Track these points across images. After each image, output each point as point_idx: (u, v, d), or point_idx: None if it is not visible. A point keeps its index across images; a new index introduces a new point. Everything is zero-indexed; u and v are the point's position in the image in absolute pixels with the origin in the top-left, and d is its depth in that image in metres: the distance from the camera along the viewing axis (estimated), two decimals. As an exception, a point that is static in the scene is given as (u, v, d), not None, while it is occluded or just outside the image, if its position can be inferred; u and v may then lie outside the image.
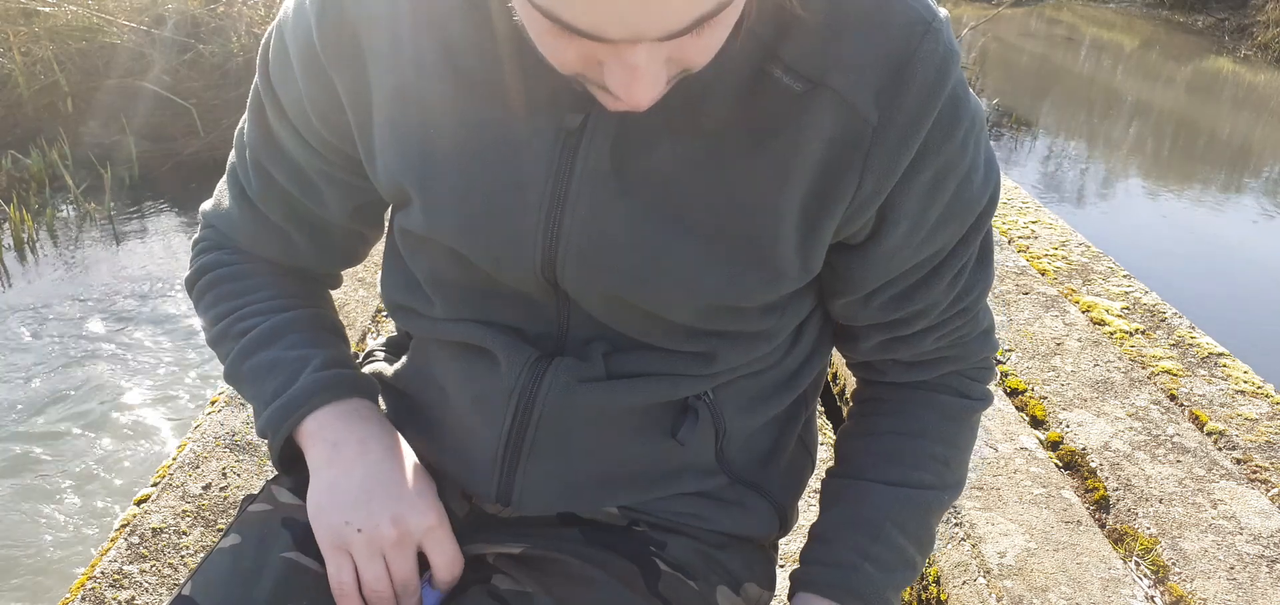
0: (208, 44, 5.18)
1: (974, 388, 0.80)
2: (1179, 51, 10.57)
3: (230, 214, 0.81)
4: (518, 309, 0.72)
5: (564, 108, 0.62)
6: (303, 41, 0.68)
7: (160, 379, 3.05)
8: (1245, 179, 6.36)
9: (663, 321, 0.69)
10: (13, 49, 4.87)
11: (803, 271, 0.67)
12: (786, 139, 0.61)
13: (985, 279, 0.74)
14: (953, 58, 0.60)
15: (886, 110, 0.59)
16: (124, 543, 1.55)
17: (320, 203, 0.77)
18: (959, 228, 0.68)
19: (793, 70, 0.59)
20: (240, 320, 0.78)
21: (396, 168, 0.68)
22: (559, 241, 0.65)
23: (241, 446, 1.83)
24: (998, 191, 0.69)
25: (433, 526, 0.71)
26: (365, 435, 0.73)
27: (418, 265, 0.74)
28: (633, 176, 0.63)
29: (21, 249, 3.87)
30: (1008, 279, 2.65)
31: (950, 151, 0.62)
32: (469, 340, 0.73)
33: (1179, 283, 4.13)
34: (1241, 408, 2.04)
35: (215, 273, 0.81)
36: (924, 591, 1.61)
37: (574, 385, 0.70)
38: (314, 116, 0.71)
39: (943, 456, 0.77)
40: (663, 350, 0.71)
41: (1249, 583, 1.51)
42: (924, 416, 0.77)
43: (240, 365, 0.77)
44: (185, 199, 4.48)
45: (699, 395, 0.73)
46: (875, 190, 0.62)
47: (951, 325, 0.75)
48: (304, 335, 0.77)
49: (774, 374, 0.77)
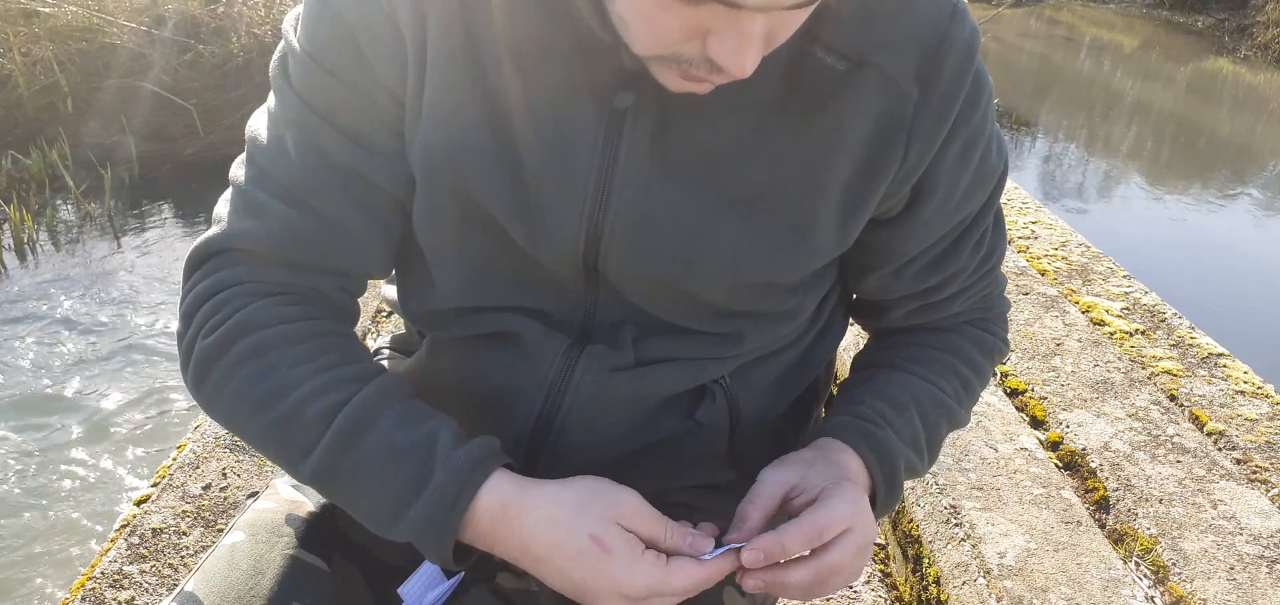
0: (208, 44, 5.18)
1: (996, 329, 0.84)
2: (1179, 52, 10.57)
3: (252, 227, 0.67)
4: (545, 293, 0.72)
5: (612, 87, 0.62)
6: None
7: (161, 379, 3.05)
8: (1245, 179, 6.36)
9: (696, 302, 0.70)
10: (13, 49, 4.87)
11: (837, 245, 0.70)
12: (831, 116, 0.63)
13: (1002, 241, 0.79)
14: (976, 36, 0.65)
15: (926, 85, 0.63)
16: (124, 543, 1.55)
17: (379, 169, 0.67)
18: (983, 195, 0.72)
19: (833, 51, 0.62)
20: (317, 399, 0.63)
21: (444, 133, 0.65)
22: (604, 225, 0.65)
23: (241, 446, 1.83)
24: (1008, 158, 0.75)
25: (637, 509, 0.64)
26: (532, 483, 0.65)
27: (442, 252, 0.71)
28: (676, 158, 0.64)
29: (21, 249, 3.87)
30: (1008, 279, 2.66)
31: (976, 121, 0.67)
32: (495, 330, 0.72)
33: (1179, 283, 4.13)
34: (1241, 408, 2.04)
35: (260, 337, 0.64)
36: (924, 592, 1.61)
37: (606, 374, 0.71)
38: (374, 60, 0.64)
39: (964, 377, 0.80)
40: (691, 332, 0.72)
41: (1249, 583, 1.51)
42: (951, 339, 0.81)
43: (336, 462, 0.63)
44: (185, 199, 4.48)
45: (716, 379, 0.75)
46: (917, 162, 0.66)
47: (977, 288, 0.79)
48: (407, 408, 0.65)
49: (791, 354, 0.79)
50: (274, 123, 0.68)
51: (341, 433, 0.62)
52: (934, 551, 1.62)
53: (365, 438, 0.62)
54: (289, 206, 0.66)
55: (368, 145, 0.66)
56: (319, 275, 0.69)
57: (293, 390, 0.63)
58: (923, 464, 0.77)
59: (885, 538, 1.81)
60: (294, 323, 0.66)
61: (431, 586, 0.74)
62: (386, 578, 0.73)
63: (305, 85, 0.66)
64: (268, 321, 0.65)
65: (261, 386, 0.63)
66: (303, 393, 0.63)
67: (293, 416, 0.63)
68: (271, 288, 0.67)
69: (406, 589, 0.72)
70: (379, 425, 0.63)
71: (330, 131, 0.65)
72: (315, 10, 0.65)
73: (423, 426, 0.64)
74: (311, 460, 0.63)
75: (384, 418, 0.63)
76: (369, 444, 0.62)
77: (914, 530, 1.70)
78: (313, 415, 0.62)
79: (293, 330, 0.65)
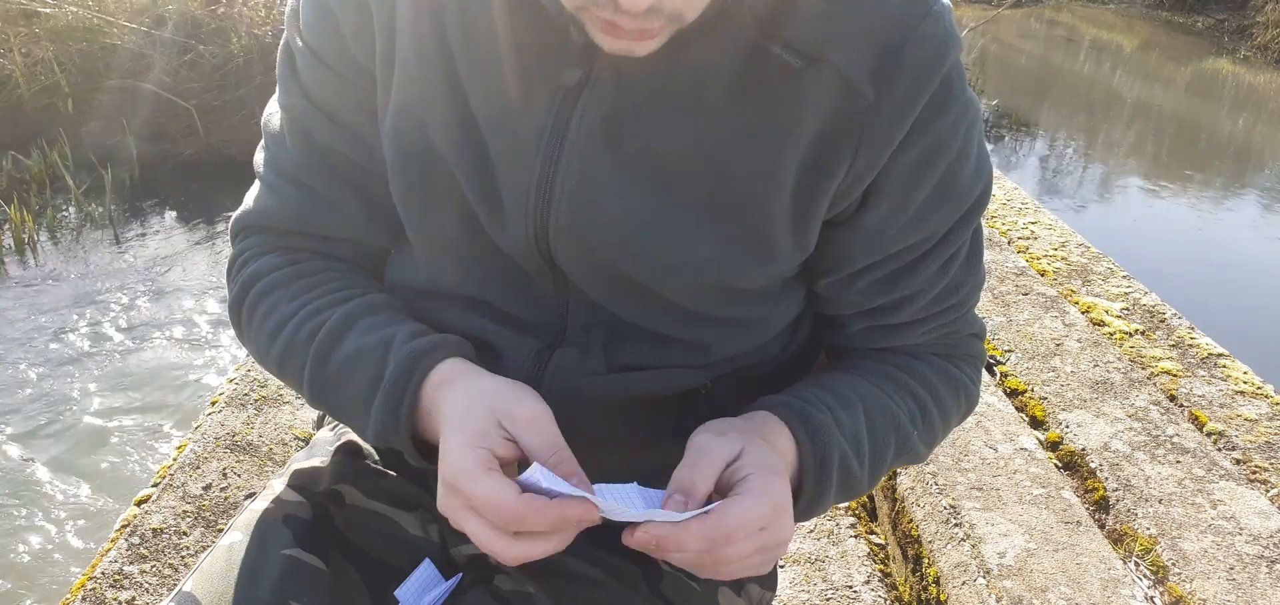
0: (208, 45, 5.18)
1: (964, 367, 0.78)
2: (1178, 52, 10.58)
3: (267, 205, 0.74)
4: (517, 293, 0.72)
5: (562, 64, 0.63)
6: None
7: (161, 379, 3.05)
8: (1245, 179, 6.37)
9: (658, 301, 0.69)
10: (13, 50, 4.87)
11: (796, 249, 0.67)
12: (783, 114, 0.62)
13: (975, 278, 0.73)
14: (951, 42, 0.62)
15: (883, 88, 0.60)
16: (124, 543, 1.55)
17: (364, 150, 0.72)
18: (949, 216, 0.68)
19: (791, 47, 0.61)
20: (305, 325, 0.69)
21: (413, 111, 0.67)
22: (551, 206, 0.65)
23: (242, 447, 1.83)
24: (990, 189, 0.70)
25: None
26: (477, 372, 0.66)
27: (416, 228, 0.73)
28: (626, 145, 0.64)
29: (22, 249, 3.87)
30: (1007, 280, 2.66)
31: (940, 131, 0.63)
32: (468, 329, 0.72)
33: (1178, 283, 4.13)
34: (1241, 408, 2.04)
35: (263, 282, 0.72)
36: (923, 591, 1.61)
37: (577, 379, 0.70)
38: (352, 44, 0.68)
39: (920, 399, 0.74)
40: (660, 338, 0.72)
41: (1248, 583, 1.51)
42: (908, 361, 0.76)
43: (321, 374, 0.67)
44: (186, 199, 4.48)
45: (698, 388, 0.74)
46: (867, 167, 0.63)
47: (938, 321, 0.74)
48: (379, 317, 0.69)
49: (772, 368, 0.78)
50: (270, 113, 0.75)
51: (321, 347, 0.68)
52: (933, 551, 1.62)
53: (339, 348, 0.67)
54: (290, 185, 0.73)
55: (351, 127, 0.71)
56: (324, 243, 0.75)
57: (289, 321, 0.70)
58: (862, 472, 0.69)
59: (885, 538, 1.81)
60: (295, 265, 0.73)
61: (428, 587, 0.74)
62: (384, 578, 0.73)
63: (297, 70, 0.71)
64: (272, 269, 0.73)
65: (269, 323, 0.71)
66: (295, 321, 0.69)
67: (289, 343, 0.69)
68: (278, 247, 0.75)
69: (403, 590, 0.72)
70: (350, 335, 0.67)
71: (316, 114, 0.71)
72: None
73: (386, 329, 0.67)
74: (305, 380, 0.69)
75: (356, 327, 0.68)
76: (340, 353, 0.67)
77: (913, 530, 1.70)
78: (302, 338, 0.69)
79: (292, 271, 0.72)
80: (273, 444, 1.87)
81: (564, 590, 0.71)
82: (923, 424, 0.74)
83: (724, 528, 0.57)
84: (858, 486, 0.69)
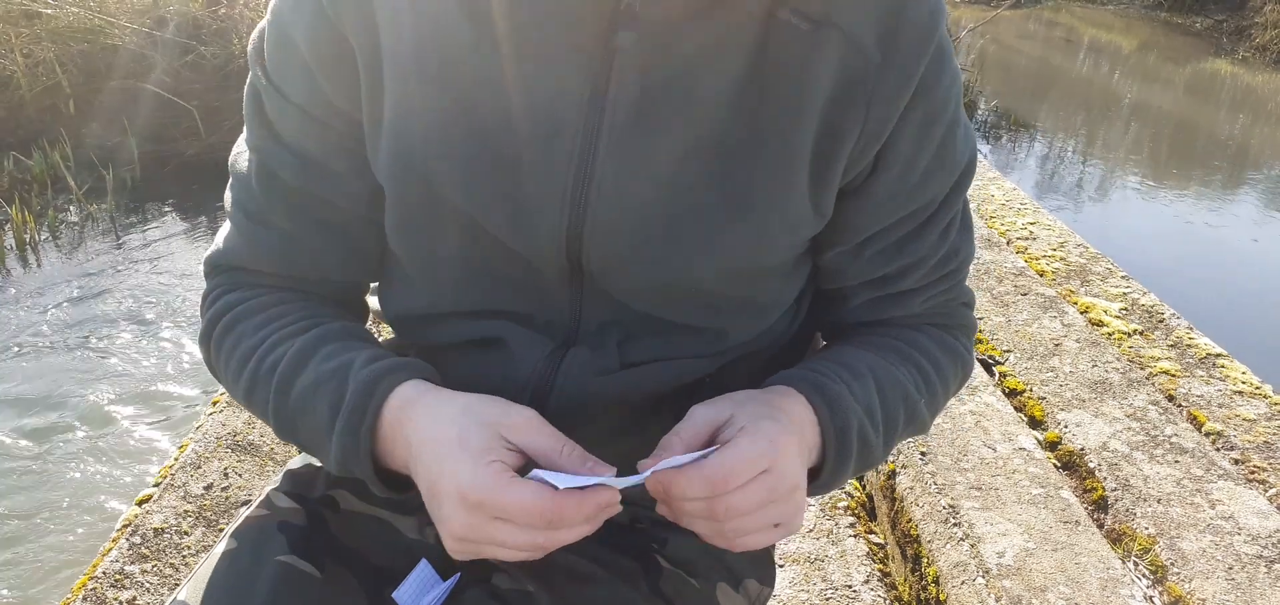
0: (209, 46, 5.18)
1: (960, 336, 0.80)
2: (1177, 53, 10.58)
3: (236, 246, 0.73)
4: (527, 296, 0.71)
5: (605, 33, 0.62)
6: (309, 11, 0.66)
7: (162, 379, 3.06)
8: (1244, 180, 6.37)
9: (681, 293, 0.69)
10: (15, 50, 4.88)
11: (817, 218, 0.68)
12: (797, 78, 0.63)
13: (968, 244, 0.76)
14: (938, 15, 0.64)
15: (888, 50, 0.62)
16: (125, 543, 1.55)
17: (334, 189, 0.71)
18: (945, 180, 0.70)
19: (800, 12, 0.62)
20: (267, 356, 0.68)
21: (409, 137, 0.66)
22: (586, 209, 0.65)
23: (243, 447, 1.83)
24: (975, 158, 0.72)
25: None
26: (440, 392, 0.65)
27: (416, 257, 0.72)
28: (658, 139, 0.64)
29: (24, 250, 3.87)
30: (1006, 280, 2.66)
31: (939, 95, 0.65)
32: (478, 336, 0.72)
33: (1177, 283, 4.13)
34: (1239, 408, 2.05)
35: (229, 316, 0.72)
36: (923, 591, 1.62)
37: (589, 378, 0.70)
38: (323, 81, 0.67)
39: (923, 368, 0.75)
40: (676, 329, 0.71)
41: (1247, 583, 1.51)
42: (909, 334, 0.77)
43: (284, 406, 0.66)
44: (187, 200, 4.49)
45: (705, 378, 0.74)
46: (877, 130, 0.65)
47: (938, 288, 0.76)
48: (338, 344, 0.68)
49: (775, 351, 0.78)
50: (238, 152, 0.74)
51: (283, 377, 0.66)
52: (933, 551, 1.63)
53: (300, 376, 0.66)
54: (260, 226, 0.72)
55: (321, 167, 0.69)
56: (297, 281, 0.74)
57: (253, 353, 0.69)
58: (878, 441, 0.69)
59: (884, 537, 1.82)
60: (260, 296, 0.72)
61: (426, 589, 0.73)
62: (381, 581, 0.73)
63: (263, 110, 0.70)
64: (239, 302, 0.72)
65: (235, 356, 0.70)
66: (259, 353, 0.68)
67: (253, 376, 0.68)
68: (247, 284, 0.74)
69: (401, 593, 0.72)
70: (311, 362, 0.66)
71: (285, 155, 0.70)
72: (270, 36, 0.68)
73: (345, 354, 0.66)
74: (270, 412, 0.67)
75: (317, 355, 0.66)
76: (302, 382, 0.66)
77: (913, 530, 1.71)
78: (265, 370, 0.68)
79: (256, 302, 0.72)
80: (274, 444, 1.88)
81: (563, 588, 0.71)
82: (927, 393, 0.75)
83: (722, 468, 0.58)
84: (874, 456, 0.70)
